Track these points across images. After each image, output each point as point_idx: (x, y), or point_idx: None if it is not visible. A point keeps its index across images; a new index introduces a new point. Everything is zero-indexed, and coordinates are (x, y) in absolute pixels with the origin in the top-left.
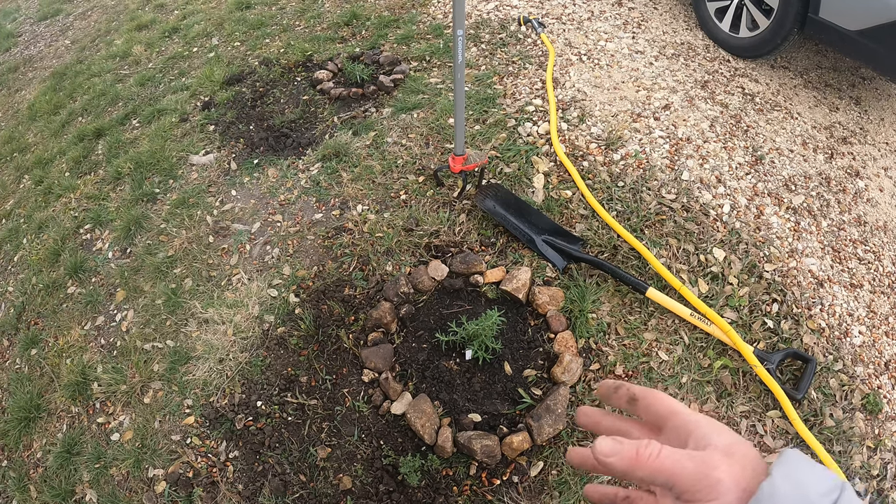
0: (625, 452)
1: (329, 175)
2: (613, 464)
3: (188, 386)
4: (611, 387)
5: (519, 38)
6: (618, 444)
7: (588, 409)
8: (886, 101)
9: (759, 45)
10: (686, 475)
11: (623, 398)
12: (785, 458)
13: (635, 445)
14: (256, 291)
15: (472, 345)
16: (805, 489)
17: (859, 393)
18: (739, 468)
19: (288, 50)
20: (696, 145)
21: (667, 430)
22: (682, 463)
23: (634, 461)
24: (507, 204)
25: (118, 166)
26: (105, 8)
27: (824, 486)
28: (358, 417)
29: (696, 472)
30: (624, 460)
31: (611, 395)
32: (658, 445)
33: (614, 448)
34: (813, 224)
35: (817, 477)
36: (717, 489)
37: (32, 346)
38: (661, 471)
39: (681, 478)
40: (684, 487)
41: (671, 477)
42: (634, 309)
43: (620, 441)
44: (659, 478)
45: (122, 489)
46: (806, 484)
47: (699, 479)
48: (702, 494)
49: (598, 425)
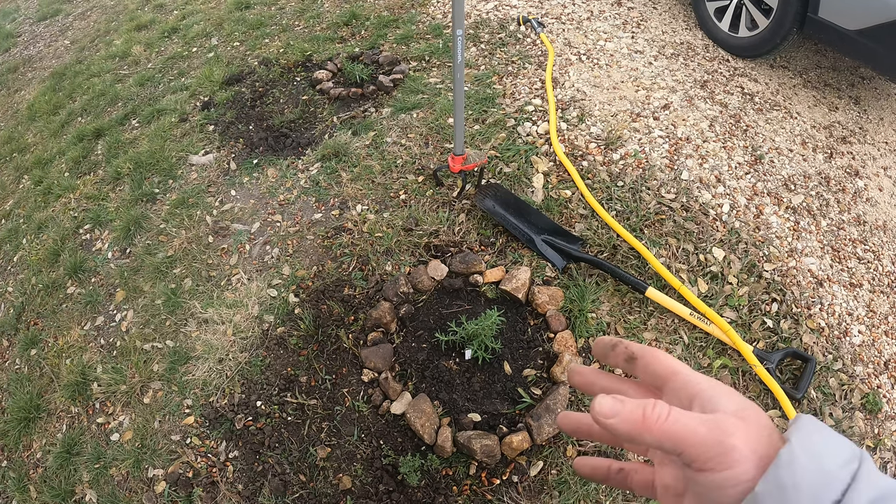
0: (628, 413)
1: (328, 175)
2: (615, 425)
3: (188, 386)
4: (608, 344)
5: (518, 37)
6: (619, 404)
7: (582, 367)
8: (886, 101)
9: (758, 45)
10: (698, 441)
11: (621, 356)
12: (801, 425)
13: (641, 405)
14: (256, 291)
15: (471, 344)
16: (824, 458)
17: (859, 392)
18: (755, 434)
19: (287, 50)
20: (695, 145)
21: (667, 391)
22: (694, 427)
23: (640, 424)
24: (506, 204)
25: (118, 166)
26: (104, 8)
27: (844, 456)
28: (358, 417)
29: (709, 438)
30: (627, 422)
31: (608, 354)
32: (666, 407)
33: (615, 408)
34: (812, 223)
35: (836, 445)
36: (731, 456)
37: (32, 347)
38: (670, 436)
39: (692, 444)
40: (695, 455)
41: (680, 443)
42: (634, 308)
43: (622, 400)
44: (667, 443)
45: (122, 489)
46: (825, 453)
47: (713, 445)
48: (714, 462)
49: (593, 385)
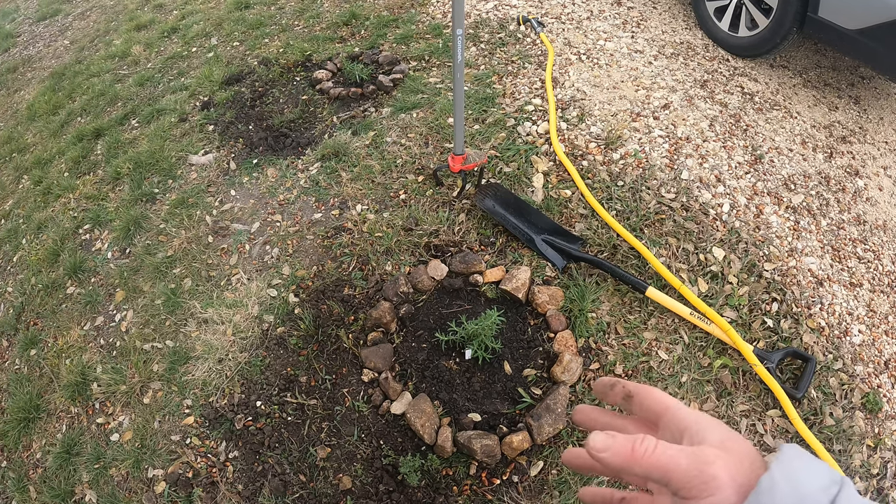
0: (619, 447)
1: (328, 175)
2: (607, 459)
3: (188, 386)
4: (606, 384)
5: (518, 37)
6: (611, 439)
7: (584, 406)
8: (886, 101)
9: (758, 45)
10: (681, 471)
11: (619, 395)
12: (783, 454)
13: (630, 440)
14: (256, 291)
15: (471, 344)
16: (804, 484)
17: (859, 392)
18: (735, 463)
19: (287, 50)
20: (695, 144)
21: (662, 426)
22: (677, 459)
23: (629, 457)
24: (506, 203)
25: (117, 166)
26: (104, 8)
27: (823, 481)
28: (358, 417)
29: (691, 468)
30: (618, 456)
31: (607, 393)
32: (653, 440)
33: (607, 443)
34: (812, 223)
35: (816, 472)
36: (712, 485)
37: (32, 347)
38: (656, 467)
39: (676, 474)
40: (680, 484)
41: (666, 473)
42: (634, 308)
43: (614, 436)
44: (654, 474)
45: (122, 489)
46: (804, 479)
47: (695, 475)
48: (697, 490)
49: (595, 422)
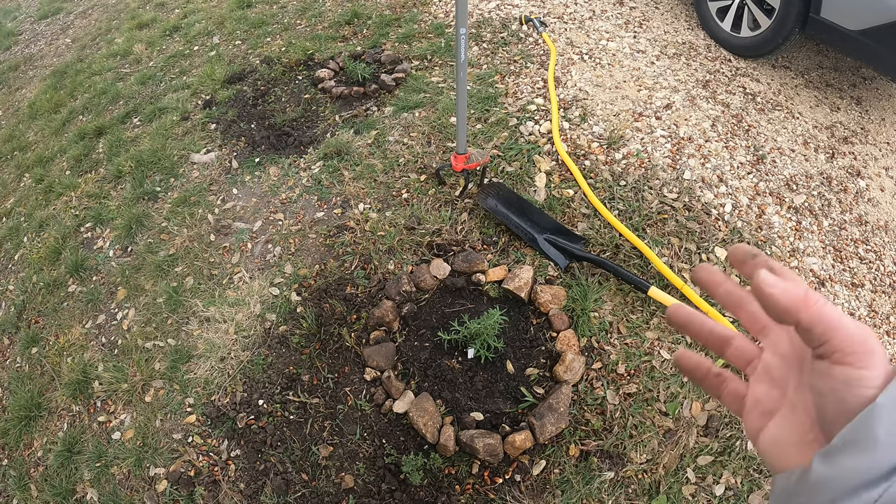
0: (792, 287)
1: (331, 174)
2: (776, 295)
3: (189, 384)
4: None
5: (520, 37)
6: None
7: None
8: (887, 101)
9: (760, 45)
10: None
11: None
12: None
13: (803, 285)
14: (258, 290)
15: (474, 343)
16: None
17: None
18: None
19: (289, 48)
20: (697, 144)
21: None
22: (845, 321)
23: (801, 301)
24: (508, 203)
25: (119, 165)
26: (106, 6)
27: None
28: (360, 416)
29: (858, 335)
30: (789, 295)
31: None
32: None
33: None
34: (814, 223)
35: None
36: (871, 358)
37: (33, 345)
38: (825, 320)
39: (842, 334)
40: (841, 346)
41: (831, 330)
42: (636, 308)
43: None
44: (818, 326)
45: (124, 488)
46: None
47: (860, 341)
48: (856, 357)
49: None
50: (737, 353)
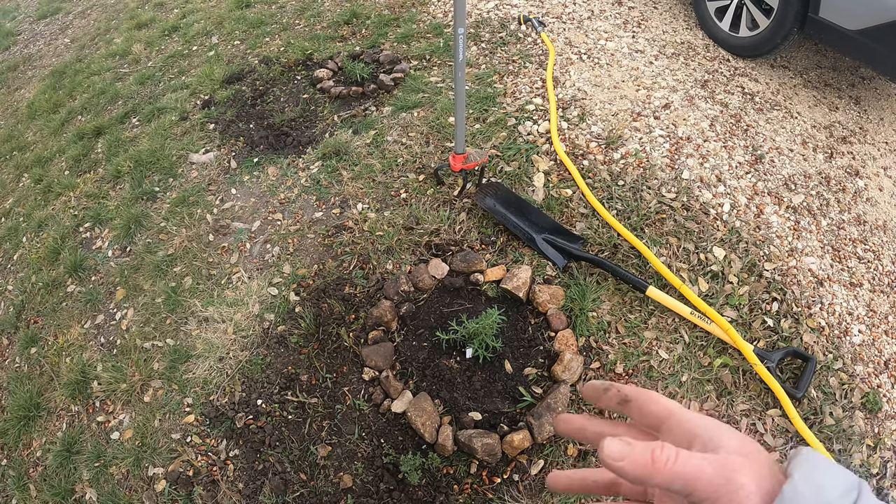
0: (637, 456)
1: (329, 173)
2: (624, 468)
3: (188, 384)
4: (599, 388)
5: (519, 36)
6: (628, 447)
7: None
8: (886, 101)
9: (758, 45)
10: (707, 480)
11: (613, 399)
12: (801, 458)
13: (649, 448)
14: (257, 290)
15: (472, 343)
16: (825, 490)
17: (859, 391)
18: (758, 470)
19: (288, 48)
20: (696, 144)
21: (664, 432)
22: (702, 468)
23: (650, 466)
24: (507, 202)
25: (118, 165)
26: (104, 6)
27: (843, 486)
28: (358, 416)
29: (717, 477)
30: (636, 465)
31: (600, 397)
32: (673, 448)
33: (624, 451)
34: (813, 223)
35: (835, 477)
36: (739, 494)
37: (32, 345)
38: (680, 476)
39: (702, 483)
40: (706, 494)
41: (691, 483)
42: (635, 307)
43: (630, 443)
44: (677, 484)
45: (122, 488)
46: (826, 484)
47: (721, 483)
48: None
49: (584, 431)
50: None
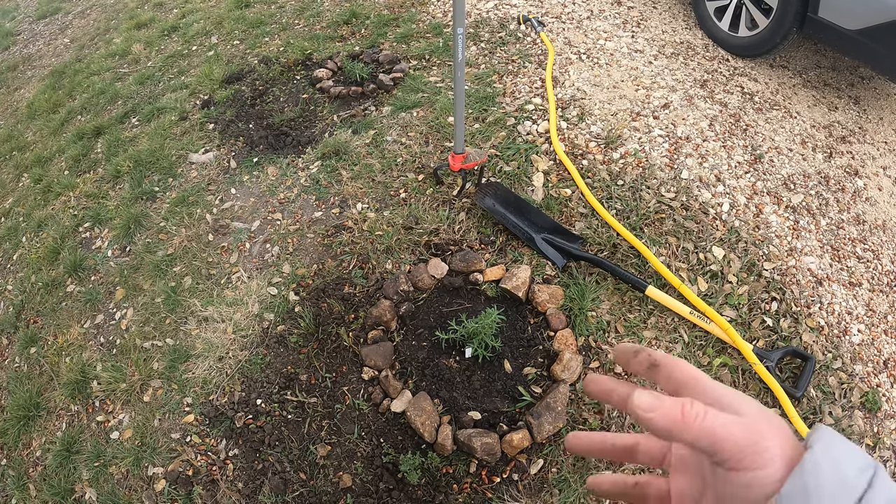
0: (668, 409)
1: (329, 173)
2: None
3: (188, 384)
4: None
5: (518, 36)
6: (658, 400)
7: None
8: (885, 101)
9: (758, 45)
10: (734, 441)
11: (644, 363)
12: (822, 433)
13: (679, 402)
14: (256, 289)
15: (471, 343)
16: (843, 465)
17: (858, 391)
18: (783, 437)
19: (287, 48)
20: (695, 144)
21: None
22: (730, 427)
23: (679, 420)
24: (506, 202)
25: (117, 165)
26: (104, 6)
27: (861, 464)
28: (358, 415)
29: (745, 438)
30: (666, 418)
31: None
32: (702, 406)
33: (654, 403)
34: (812, 223)
35: (853, 453)
36: (764, 457)
37: (32, 345)
38: (707, 434)
39: (728, 443)
40: (730, 454)
41: (717, 442)
42: (634, 307)
43: (660, 397)
44: (703, 441)
45: (122, 487)
46: (844, 461)
47: (748, 444)
48: (748, 461)
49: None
50: (646, 454)
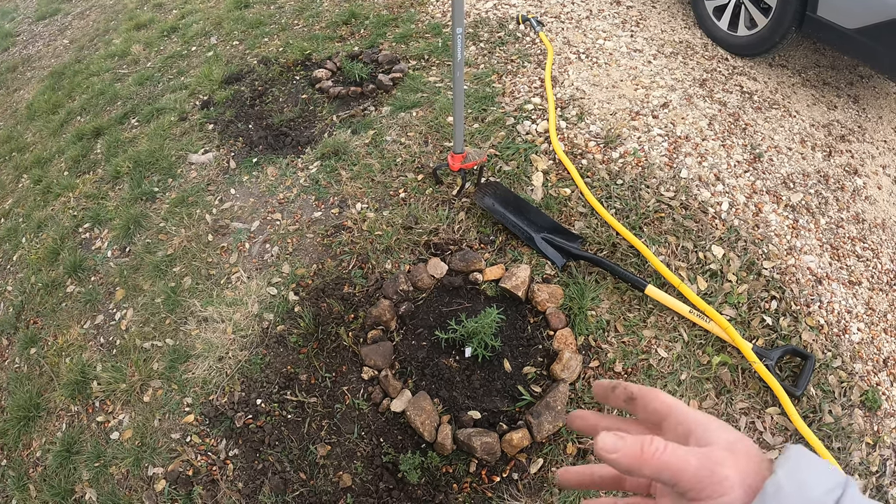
0: (628, 448)
1: (328, 173)
2: (617, 460)
3: (188, 384)
4: (607, 386)
5: (517, 36)
6: (620, 440)
7: (582, 411)
8: (884, 100)
9: (757, 44)
10: (691, 472)
11: (620, 397)
12: (788, 455)
13: (639, 441)
14: (256, 289)
15: (471, 342)
16: (808, 487)
17: (858, 389)
18: (744, 464)
19: (287, 49)
20: (694, 143)
21: (665, 428)
22: (687, 459)
23: (639, 457)
24: (506, 202)
25: (117, 165)
26: (103, 7)
27: (827, 484)
28: (357, 415)
29: (701, 469)
30: (628, 457)
31: (608, 395)
32: (662, 441)
33: (616, 444)
34: (811, 221)
35: (821, 474)
36: (723, 486)
37: (32, 345)
38: (666, 467)
39: (686, 474)
40: (689, 485)
41: (676, 474)
42: (633, 306)
43: (623, 437)
44: (664, 475)
45: (122, 488)
46: (809, 481)
47: (705, 475)
48: (707, 492)
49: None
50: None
